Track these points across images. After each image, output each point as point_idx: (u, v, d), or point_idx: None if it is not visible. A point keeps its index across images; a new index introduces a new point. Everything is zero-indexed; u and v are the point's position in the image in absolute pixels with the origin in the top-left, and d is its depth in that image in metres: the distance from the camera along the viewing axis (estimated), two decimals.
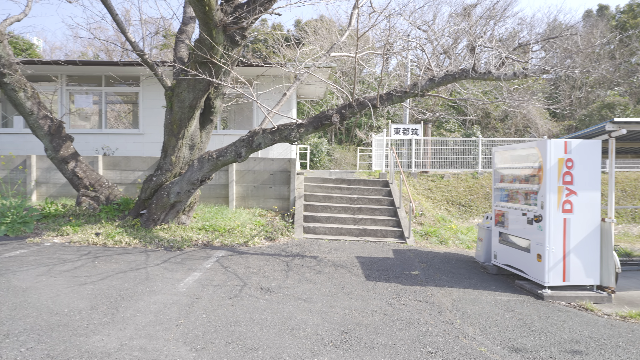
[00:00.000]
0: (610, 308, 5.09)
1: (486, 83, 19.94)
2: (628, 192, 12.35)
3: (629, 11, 25.79)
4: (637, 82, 23.20)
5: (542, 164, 5.52)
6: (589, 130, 5.70)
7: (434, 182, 12.15)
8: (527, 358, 3.58)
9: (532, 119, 21.01)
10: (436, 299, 5.10)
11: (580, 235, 5.43)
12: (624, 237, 10.55)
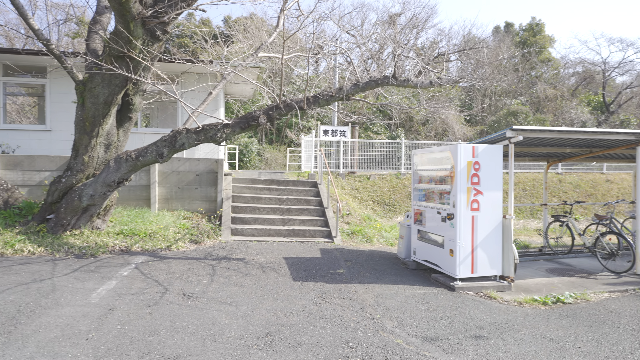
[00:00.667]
0: (510, 295, 5.69)
1: (409, 89, 21.18)
2: (528, 191, 13.91)
3: (530, 29, 28.97)
4: (536, 93, 26.14)
5: (453, 167, 6.01)
6: (492, 136, 6.32)
7: (360, 183, 12.61)
8: (438, 346, 3.89)
9: (449, 123, 22.69)
10: (359, 296, 5.32)
11: (485, 231, 6.00)
12: (524, 231, 11.87)
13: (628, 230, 8.42)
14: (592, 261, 7.73)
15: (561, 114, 24.83)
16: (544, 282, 6.35)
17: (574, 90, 28.21)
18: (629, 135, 6.49)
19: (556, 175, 15.20)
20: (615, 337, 4.23)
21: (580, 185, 14.73)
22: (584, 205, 13.46)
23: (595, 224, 7.93)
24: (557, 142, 7.10)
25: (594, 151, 7.88)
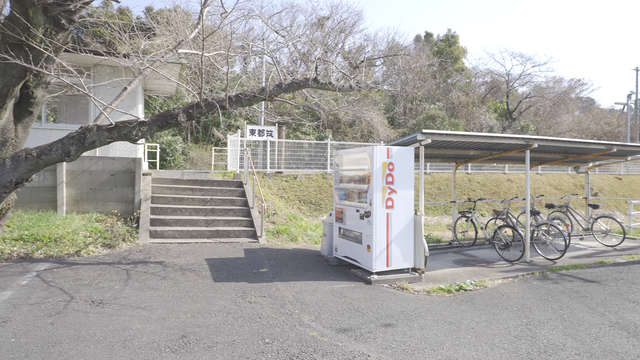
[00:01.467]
0: (420, 285, 6.17)
1: (338, 92, 21.80)
2: (442, 190, 15.10)
3: (446, 40, 31.35)
4: (451, 99, 28.37)
5: (370, 167, 6.36)
6: (405, 139, 6.80)
7: (287, 182, 12.73)
8: (350, 335, 4.12)
9: (374, 125, 23.74)
10: (280, 293, 5.42)
11: (399, 227, 6.44)
12: (437, 226, 12.88)
13: (522, 224, 9.54)
14: (492, 252, 8.64)
15: (472, 119, 27.21)
16: (450, 272, 6.97)
17: (483, 97, 31.07)
18: (519, 140, 7.37)
19: (466, 175, 16.67)
20: (504, 317, 4.81)
21: (486, 184, 16.31)
22: (489, 202, 14.92)
23: (494, 219, 8.88)
24: (461, 145, 7.83)
25: (493, 153, 8.82)
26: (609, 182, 20.59)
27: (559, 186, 18.07)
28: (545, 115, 30.80)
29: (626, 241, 10.01)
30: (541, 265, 7.45)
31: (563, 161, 10.68)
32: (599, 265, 7.57)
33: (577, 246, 9.43)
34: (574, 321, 4.68)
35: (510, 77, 30.79)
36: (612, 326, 4.53)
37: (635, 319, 4.77)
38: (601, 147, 8.47)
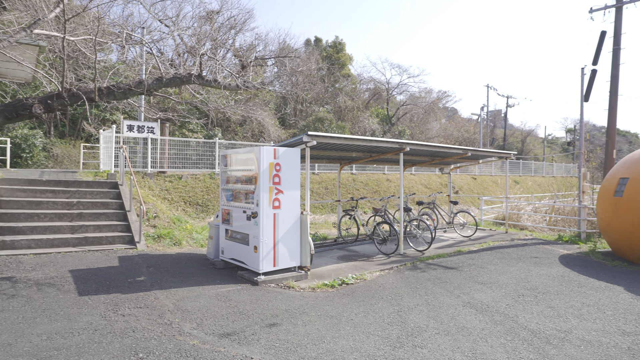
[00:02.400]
0: (306, 283, 6.36)
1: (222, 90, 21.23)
2: (329, 189, 15.82)
3: (334, 46, 32.92)
4: (338, 103, 29.89)
5: (257, 168, 6.33)
6: (292, 140, 6.94)
7: (171, 183, 11.96)
8: (234, 340, 4.05)
9: (265, 125, 23.73)
10: (159, 302, 5.06)
11: (286, 226, 6.54)
12: (324, 224, 13.47)
13: (397, 220, 10.52)
14: (372, 247, 9.34)
15: (357, 123, 29.08)
16: (334, 268, 7.33)
17: (367, 103, 33.43)
18: (394, 144, 8.10)
19: (351, 175, 17.74)
20: (379, 306, 5.23)
21: (368, 184, 17.58)
22: (370, 200, 16.12)
23: (373, 216, 9.61)
24: (344, 147, 8.30)
25: (373, 155, 9.54)
26: (467, 181, 23.96)
27: (429, 185, 20.40)
28: (419, 122, 34.49)
29: (478, 232, 11.76)
30: (412, 256, 8.30)
31: (431, 163, 12.07)
32: (457, 254, 8.74)
33: (441, 238, 10.75)
34: (436, 304, 5.31)
35: (389, 85, 33.72)
36: (465, 306, 5.27)
37: (482, 298, 5.62)
38: (459, 152, 9.80)
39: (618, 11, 13.25)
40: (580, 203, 11.45)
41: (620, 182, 8.16)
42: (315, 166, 16.98)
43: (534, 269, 7.33)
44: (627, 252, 8.09)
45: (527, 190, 25.52)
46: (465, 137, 36.65)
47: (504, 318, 4.81)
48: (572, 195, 19.90)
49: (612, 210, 8.20)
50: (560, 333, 4.37)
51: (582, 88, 12.21)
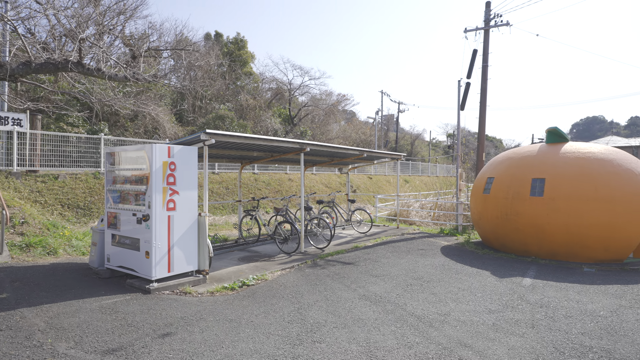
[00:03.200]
0: (204, 287, 6.09)
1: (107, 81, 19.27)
2: (230, 189, 15.40)
3: (235, 43, 32.15)
4: (240, 101, 29.29)
5: (149, 167, 5.87)
6: (188, 138, 6.58)
7: (45, 184, 10.44)
8: (120, 355, 3.69)
9: (160, 121, 22.15)
10: (26, 322, 4.37)
11: (182, 229, 6.18)
12: (225, 225, 13.07)
13: (299, 219, 10.69)
14: (274, 246, 9.34)
15: (260, 122, 28.84)
16: (235, 270, 7.15)
17: (269, 102, 33.36)
18: (295, 144, 8.21)
19: (253, 175, 17.52)
20: (280, 305, 5.24)
21: (270, 183, 17.56)
22: (272, 200, 16.12)
23: (275, 216, 9.62)
24: (245, 146, 8.16)
25: (274, 155, 9.54)
26: (363, 181, 25.42)
27: (329, 184, 21.15)
28: (320, 123, 35.54)
29: (374, 228, 12.55)
30: (313, 254, 8.51)
31: (330, 163, 12.53)
32: (354, 249, 9.21)
33: (340, 235, 11.22)
34: (334, 299, 5.52)
35: (292, 86, 34.13)
36: (360, 298, 5.57)
37: (376, 290, 6.00)
38: (356, 153, 10.34)
39: (486, 33, 15.31)
40: (458, 200, 12.95)
41: (488, 181, 9.43)
42: (216, 165, 16.39)
43: (420, 260, 8.07)
44: (493, 241, 9.39)
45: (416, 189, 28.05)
46: (362, 139, 38.85)
47: (395, 307, 5.20)
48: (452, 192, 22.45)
49: (482, 205, 9.43)
50: (440, 316, 4.88)
51: (459, 98, 13.84)
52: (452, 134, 56.53)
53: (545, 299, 5.62)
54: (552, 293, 5.90)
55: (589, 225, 7.64)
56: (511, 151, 9.85)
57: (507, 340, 4.18)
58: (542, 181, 8.23)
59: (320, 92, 37.10)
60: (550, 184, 8.08)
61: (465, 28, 15.79)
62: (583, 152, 8.34)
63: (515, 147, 11.29)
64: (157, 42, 24.18)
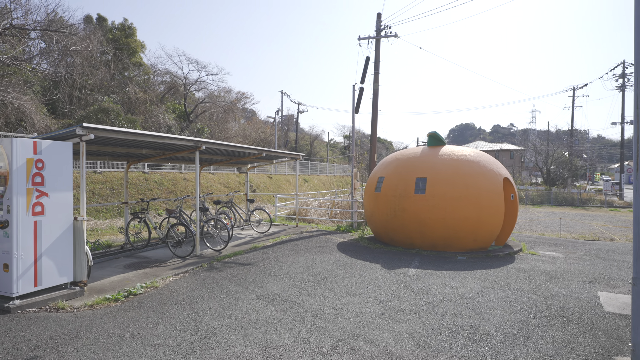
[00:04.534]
0: (82, 300, 5.41)
1: None
2: (115, 190, 13.98)
3: (122, 30, 29.31)
4: (128, 93, 26.81)
5: (8, 165, 5.00)
6: (62, 132, 5.78)
7: None
8: None
9: (27, 112, 19.13)
10: None
11: (53, 236, 5.40)
12: (110, 230, 11.83)
13: (194, 220, 10.16)
14: (166, 251, 8.74)
15: (151, 117, 26.75)
16: (120, 279, 6.50)
17: (162, 97, 31.16)
18: (189, 142, 7.78)
19: (143, 174, 16.18)
20: (172, 314, 4.91)
21: (163, 183, 16.41)
22: (165, 201, 15.10)
23: (167, 218, 9.01)
24: (132, 143, 7.47)
25: (166, 153, 8.92)
26: (263, 180, 25.30)
27: (228, 184, 20.58)
28: (218, 121, 34.35)
29: (273, 227, 12.56)
30: (209, 257, 8.17)
31: (229, 162, 12.18)
32: (253, 250, 9.09)
33: (239, 236, 10.98)
34: (231, 302, 5.37)
35: (187, 81, 32.37)
36: (258, 299, 5.51)
37: (274, 289, 6.00)
38: (255, 152, 10.22)
39: (377, 42, 16.43)
40: (352, 198, 13.67)
41: (379, 180, 10.12)
42: (98, 164, 14.73)
43: (317, 257, 8.30)
44: (384, 236, 10.11)
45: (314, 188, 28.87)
46: (262, 138, 38.65)
47: (292, 305, 5.26)
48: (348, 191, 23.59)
49: (374, 203, 10.09)
50: (335, 310, 5.07)
51: (354, 102, 14.61)
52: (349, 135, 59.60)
53: (426, 286, 6.23)
54: (432, 280, 6.57)
55: (462, 219, 8.69)
56: (399, 153, 10.71)
57: (394, 327, 4.52)
58: (424, 180, 9.11)
59: (219, 88, 35.90)
60: (431, 182, 9.00)
61: (359, 36, 16.72)
62: (457, 154, 9.46)
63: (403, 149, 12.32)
64: (23, 19, 20.85)
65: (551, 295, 5.80)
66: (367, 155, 32.89)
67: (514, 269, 7.45)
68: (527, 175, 50.78)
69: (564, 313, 5.07)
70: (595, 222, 17.27)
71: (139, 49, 29.80)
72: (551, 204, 29.43)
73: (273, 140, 39.01)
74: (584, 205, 28.72)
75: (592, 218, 19.51)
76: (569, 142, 39.79)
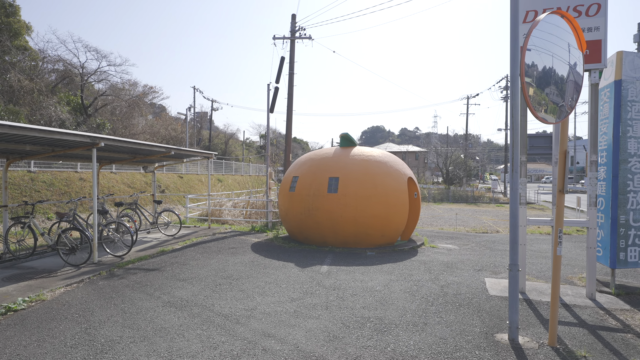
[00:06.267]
0: None
1: None
2: None
3: (2, 8, 25.47)
4: (10, 81, 23.37)
5: None
6: None
7: None
8: None
9: None
10: None
11: None
12: None
13: (91, 225, 9.22)
14: (57, 259, 7.80)
15: (40, 109, 23.67)
16: None
17: (53, 87, 27.77)
18: (84, 138, 7.04)
19: (29, 174, 14.25)
20: (61, 329, 4.40)
21: (54, 184, 14.63)
22: (56, 204, 13.48)
23: (58, 222, 8.05)
24: (11, 138, 6.53)
25: (56, 150, 7.97)
26: (173, 180, 23.94)
27: (132, 184, 19.07)
28: (122, 116, 31.63)
29: (183, 229, 11.94)
30: (109, 263, 7.49)
31: (133, 161, 11.29)
32: (160, 254, 8.55)
33: (144, 240, 10.24)
34: (134, 311, 4.98)
35: (85, 70, 29.28)
36: (164, 306, 5.19)
37: (183, 294, 5.70)
38: (162, 150, 9.61)
39: (292, 43, 16.56)
40: (268, 198, 13.60)
41: (294, 180, 10.21)
42: None
43: (230, 259, 8.10)
44: (298, 235, 10.22)
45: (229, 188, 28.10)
46: (172, 135, 36.55)
47: (202, 310, 5.05)
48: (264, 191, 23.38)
49: (289, 202, 10.15)
50: (247, 312, 4.99)
51: (268, 101, 14.54)
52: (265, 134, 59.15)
53: (337, 282, 6.44)
54: (343, 276, 6.81)
55: (371, 216, 9.15)
56: (312, 153, 10.92)
57: (305, 324, 4.59)
58: (336, 180, 9.41)
59: (123, 81, 33.07)
60: (343, 182, 9.33)
61: (274, 35, 16.69)
62: (367, 155, 9.94)
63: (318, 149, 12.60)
64: None
65: (447, 284, 6.39)
66: (283, 155, 32.98)
67: (416, 262, 8.05)
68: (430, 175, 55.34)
69: (457, 299, 5.61)
70: (485, 217, 19.45)
71: (23, 31, 26.18)
72: (450, 201, 32.44)
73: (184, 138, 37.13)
74: (476, 201, 32.19)
75: (482, 213, 21.94)
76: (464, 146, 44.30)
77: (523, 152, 6.01)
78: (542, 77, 3.98)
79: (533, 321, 4.82)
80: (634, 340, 4.30)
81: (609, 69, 6.22)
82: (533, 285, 6.37)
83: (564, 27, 4.04)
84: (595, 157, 5.86)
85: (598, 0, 5.66)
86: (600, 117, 6.38)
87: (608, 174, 6.16)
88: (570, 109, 4.17)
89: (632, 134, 6.00)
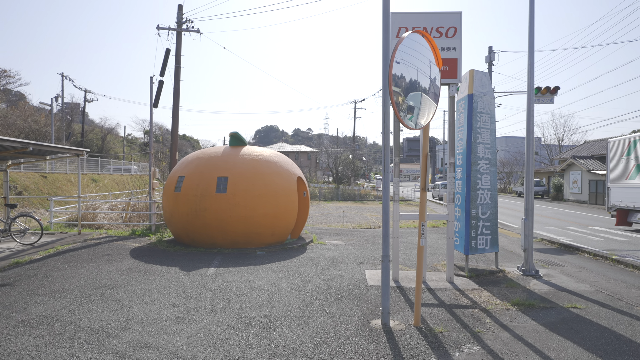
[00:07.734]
0: None
1: None
2: None
3: None
4: None
5: None
6: None
7: None
8: None
9: None
10: None
11: None
12: None
13: None
14: None
15: None
16: None
17: None
18: None
19: None
20: None
21: None
22: None
23: None
24: None
25: None
26: (34, 180, 20.70)
27: None
28: None
29: (45, 237, 10.42)
30: None
31: None
32: (14, 266, 7.35)
33: None
34: None
35: None
36: (17, 326, 4.48)
37: (42, 310, 4.99)
38: (17, 145, 8.25)
39: (178, 35, 15.66)
40: (151, 199, 12.64)
41: (179, 180, 9.68)
42: None
43: (104, 267, 7.34)
44: (184, 238, 9.73)
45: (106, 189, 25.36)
46: (34, 128, 31.53)
47: (65, 326, 4.49)
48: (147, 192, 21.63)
49: (174, 203, 9.59)
50: (121, 323, 4.59)
51: (152, 95, 13.52)
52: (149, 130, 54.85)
53: (225, 284, 6.31)
54: (230, 277, 6.70)
55: (261, 215, 9.17)
56: (200, 151, 10.50)
57: (187, 330, 4.41)
58: (225, 179, 9.20)
59: None
60: (232, 181, 9.16)
61: (158, 25, 15.58)
62: (257, 154, 9.92)
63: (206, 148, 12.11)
64: None
65: (332, 278, 6.75)
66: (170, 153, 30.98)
67: (304, 258, 8.32)
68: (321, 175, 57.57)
69: (339, 291, 5.97)
70: (369, 214, 20.97)
71: None
72: (339, 199, 34.18)
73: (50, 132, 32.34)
74: (363, 199, 34.50)
75: (367, 210, 23.60)
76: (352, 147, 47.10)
77: (397, 154, 6.65)
78: (409, 88, 4.47)
79: (403, 305, 5.38)
80: (479, 314, 5.10)
81: (463, 84, 7.24)
82: (405, 274, 7.10)
83: (425, 45, 4.60)
84: (454, 160, 6.79)
85: (454, 24, 6.56)
86: (457, 125, 7.41)
87: (463, 174, 7.17)
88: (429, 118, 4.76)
89: (480, 140, 7.09)
